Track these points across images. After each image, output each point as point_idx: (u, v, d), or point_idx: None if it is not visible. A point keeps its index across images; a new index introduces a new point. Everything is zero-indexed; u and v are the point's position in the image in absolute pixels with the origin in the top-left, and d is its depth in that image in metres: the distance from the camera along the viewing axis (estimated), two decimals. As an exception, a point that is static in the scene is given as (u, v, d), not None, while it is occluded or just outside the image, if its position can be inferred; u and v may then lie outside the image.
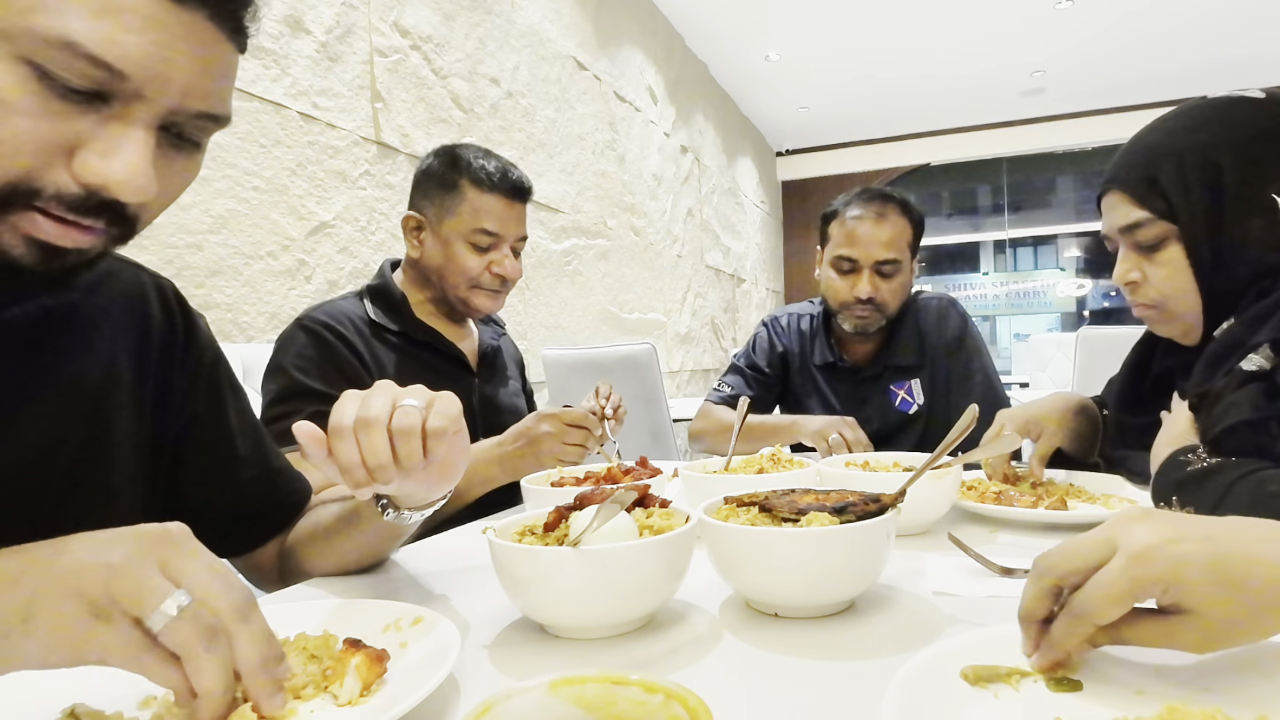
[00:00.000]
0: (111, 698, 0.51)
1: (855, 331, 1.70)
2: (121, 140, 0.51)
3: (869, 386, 1.74)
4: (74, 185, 0.51)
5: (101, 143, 0.51)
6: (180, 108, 0.54)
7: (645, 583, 0.62)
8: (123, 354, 0.71)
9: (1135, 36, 5.25)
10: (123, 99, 0.51)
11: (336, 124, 2.09)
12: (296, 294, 1.96)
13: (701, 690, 0.53)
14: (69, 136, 0.50)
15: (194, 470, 0.79)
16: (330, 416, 0.60)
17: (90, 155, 0.50)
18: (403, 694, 0.47)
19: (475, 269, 1.34)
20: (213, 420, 0.80)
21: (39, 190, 0.50)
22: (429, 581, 0.83)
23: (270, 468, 0.86)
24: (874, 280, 1.63)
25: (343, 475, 0.60)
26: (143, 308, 0.75)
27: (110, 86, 0.50)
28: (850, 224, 1.65)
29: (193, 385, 0.79)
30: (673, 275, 4.74)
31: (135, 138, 0.52)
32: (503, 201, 1.34)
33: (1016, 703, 0.46)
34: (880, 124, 7.16)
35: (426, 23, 2.48)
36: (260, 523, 0.85)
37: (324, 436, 0.59)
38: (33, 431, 0.63)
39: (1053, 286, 8.80)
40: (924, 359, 1.71)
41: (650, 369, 2.60)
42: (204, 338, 0.81)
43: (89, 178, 0.51)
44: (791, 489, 0.78)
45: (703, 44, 5.19)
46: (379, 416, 0.59)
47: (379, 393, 0.61)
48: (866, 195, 1.68)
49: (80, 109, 0.50)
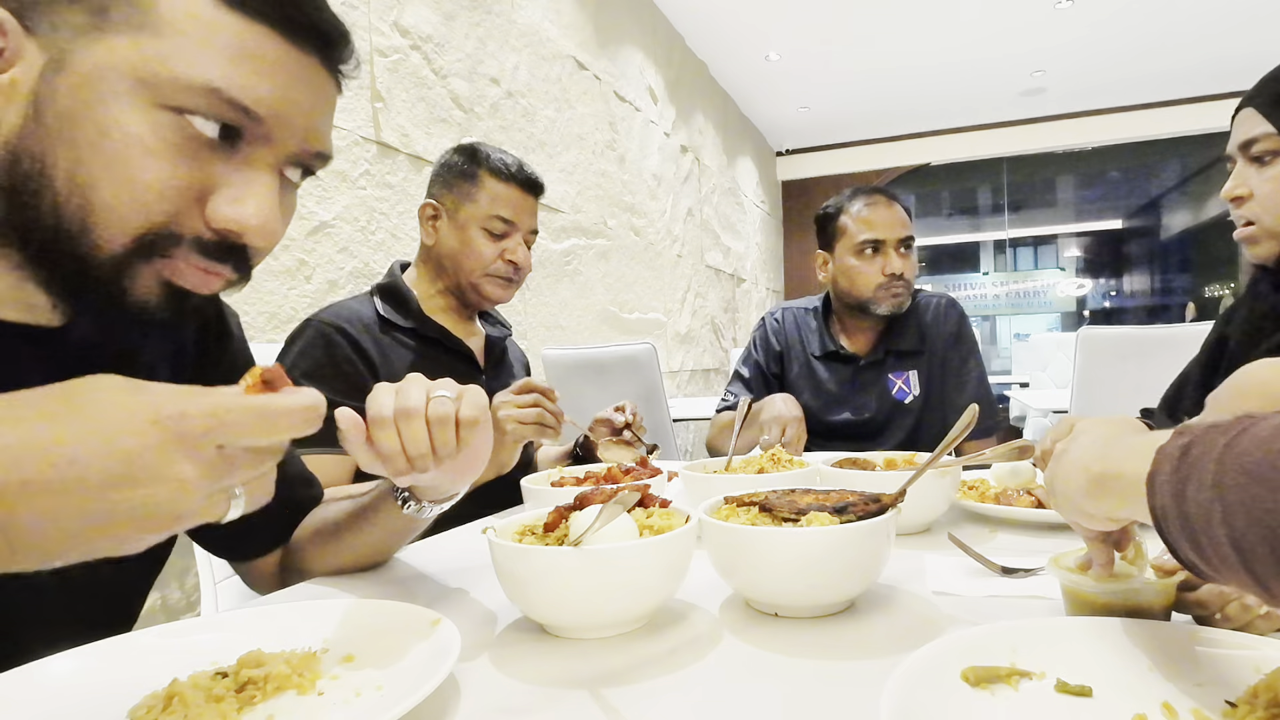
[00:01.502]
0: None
1: (891, 312, 1.74)
2: (253, 184, 0.54)
3: (868, 374, 1.78)
4: (207, 231, 0.53)
5: (234, 188, 0.53)
6: (302, 149, 0.56)
7: (645, 583, 0.62)
8: (161, 362, 0.72)
9: (1135, 36, 5.24)
10: (250, 143, 0.54)
11: (336, 124, 2.09)
12: (296, 294, 1.96)
13: (702, 690, 0.53)
14: (203, 182, 0.52)
15: None
16: (368, 407, 0.61)
17: (222, 201, 0.53)
18: (403, 694, 0.47)
19: (490, 255, 1.39)
20: None
21: (180, 236, 0.52)
22: (429, 581, 0.83)
23: (288, 475, 0.86)
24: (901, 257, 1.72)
25: (385, 464, 0.61)
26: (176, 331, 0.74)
27: (244, 130, 0.52)
28: (866, 212, 1.74)
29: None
30: (673, 275, 4.74)
31: (264, 181, 0.54)
32: (518, 192, 1.41)
33: (1016, 703, 0.46)
34: (880, 124, 7.16)
35: (426, 22, 2.48)
36: (272, 529, 0.85)
37: (364, 424, 0.60)
38: None
39: (1053, 286, 8.81)
40: (924, 346, 1.77)
41: (650, 369, 2.60)
42: (236, 342, 0.81)
43: (223, 223, 0.53)
44: (791, 489, 0.78)
45: (703, 44, 5.19)
46: (417, 407, 0.61)
47: (414, 384, 0.63)
48: (865, 189, 1.79)
49: (212, 155, 0.52)
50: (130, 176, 0.50)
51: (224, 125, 0.52)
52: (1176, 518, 0.41)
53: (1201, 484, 0.39)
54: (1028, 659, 0.49)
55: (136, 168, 0.50)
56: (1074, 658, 0.49)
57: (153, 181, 0.50)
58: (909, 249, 1.74)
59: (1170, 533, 0.42)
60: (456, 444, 0.63)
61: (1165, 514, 0.42)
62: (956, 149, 7.36)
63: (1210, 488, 0.39)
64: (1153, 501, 0.43)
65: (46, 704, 0.50)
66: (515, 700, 0.53)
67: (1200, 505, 0.39)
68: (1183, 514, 0.40)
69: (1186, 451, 0.41)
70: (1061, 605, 0.63)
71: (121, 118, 0.49)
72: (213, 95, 0.50)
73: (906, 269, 1.72)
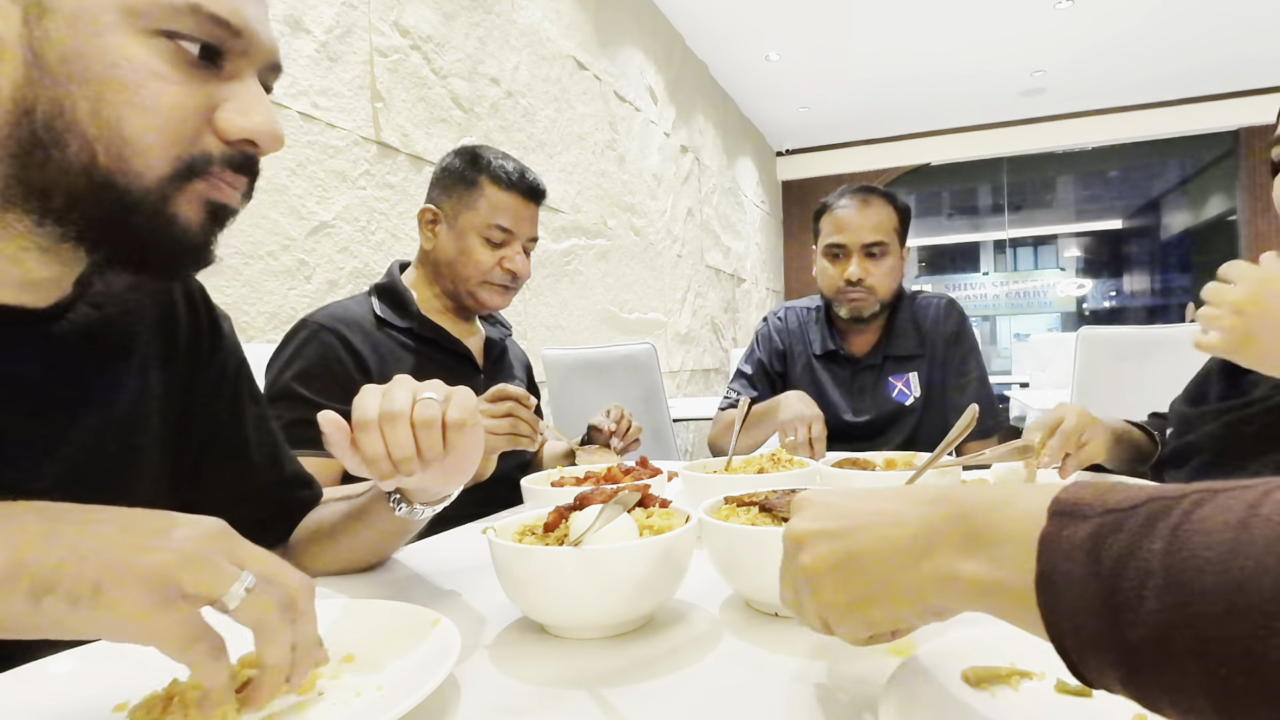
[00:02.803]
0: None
1: (850, 317, 1.76)
2: (250, 94, 0.55)
3: (867, 376, 1.77)
4: (222, 145, 0.55)
5: (236, 101, 0.55)
6: (269, 60, 0.58)
7: (645, 583, 0.62)
8: (154, 363, 0.72)
9: (1135, 37, 5.24)
10: (231, 59, 0.55)
11: (336, 124, 2.09)
12: (296, 294, 1.96)
13: (702, 690, 0.53)
14: (208, 99, 0.54)
15: (210, 476, 0.79)
16: (353, 410, 0.61)
17: (231, 114, 0.54)
18: (403, 694, 0.47)
19: (487, 263, 1.37)
20: (231, 427, 0.80)
21: (211, 154, 0.54)
22: (429, 581, 0.83)
23: (284, 475, 0.86)
24: (863, 263, 1.70)
25: (369, 467, 0.61)
26: (170, 312, 0.75)
27: (226, 45, 0.54)
28: (838, 213, 1.74)
29: (215, 392, 0.79)
30: (673, 275, 4.74)
31: (258, 91, 0.56)
32: (519, 200, 1.38)
33: (1016, 703, 0.46)
34: (880, 124, 7.16)
35: (426, 22, 2.48)
36: (271, 530, 0.85)
37: (348, 427, 0.60)
38: (75, 444, 0.63)
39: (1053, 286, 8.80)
40: (924, 349, 1.76)
41: (650, 369, 2.60)
42: (228, 343, 0.81)
43: (239, 134, 0.55)
44: (791, 489, 0.78)
45: (703, 44, 5.19)
46: (402, 410, 0.60)
47: (399, 387, 0.62)
48: (853, 188, 1.79)
49: (206, 73, 0.53)
50: (152, 103, 0.51)
51: (204, 45, 0.53)
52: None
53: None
54: (1028, 659, 0.49)
55: (155, 94, 0.51)
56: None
57: (174, 105, 0.51)
58: (877, 255, 1.71)
59: None
60: (444, 446, 0.62)
61: None
62: (956, 149, 7.35)
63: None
64: None
65: (46, 704, 0.50)
66: (515, 700, 0.52)
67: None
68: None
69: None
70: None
71: (124, 48, 0.50)
72: (196, 14, 0.52)
73: (870, 276, 1.69)
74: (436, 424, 0.61)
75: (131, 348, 0.69)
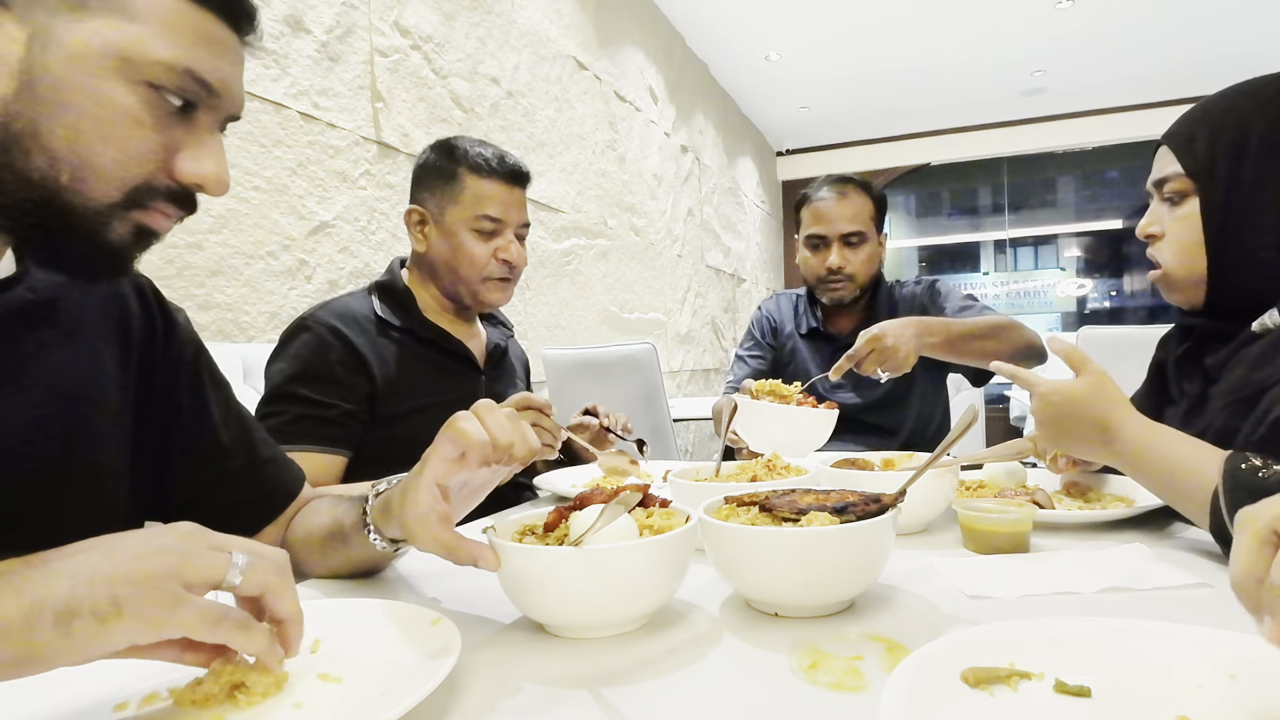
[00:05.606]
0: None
1: (832, 304, 1.88)
2: (208, 145, 0.62)
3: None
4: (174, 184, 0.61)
5: (193, 149, 0.61)
6: (235, 113, 0.65)
7: (645, 583, 0.62)
8: (105, 348, 0.74)
9: (1136, 36, 5.24)
10: (202, 111, 0.62)
11: (337, 124, 2.09)
12: (297, 294, 1.96)
13: (702, 690, 0.53)
14: (170, 145, 0.60)
15: (180, 463, 0.81)
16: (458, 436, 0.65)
17: (186, 161, 0.61)
18: (403, 694, 0.47)
19: (482, 257, 1.35)
20: (196, 412, 0.82)
21: (157, 189, 0.60)
22: (429, 581, 0.83)
23: (258, 457, 0.87)
24: (842, 252, 1.81)
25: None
26: (121, 304, 0.77)
27: (203, 102, 0.61)
28: (817, 205, 1.85)
29: (175, 380, 0.81)
30: (673, 275, 4.74)
31: (216, 142, 0.63)
32: (502, 186, 1.35)
33: (1016, 703, 0.46)
34: (880, 124, 7.15)
35: (427, 22, 2.48)
36: (251, 512, 0.85)
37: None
38: (16, 419, 0.65)
39: (1053, 286, 8.80)
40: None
41: (650, 369, 2.60)
42: (184, 332, 0.83)
43: (190, 178, 0.62)
44: (791, 489, 0.78)
45: (703, 44, 5.19)
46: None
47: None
48: (830, 178, 1.88)
49: (176, 122, 0.60)
50: (124, 143, 0.57)
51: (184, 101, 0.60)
52: None
53: None
54: (1027, 659, 0.49)
55: (128, 136, 0.57)
56: (1073, 658, 0.49)
57: (142, 147, 0.58)
58: (855, 244, 1.81)
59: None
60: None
61: None
62: (956, 149, 7.35)
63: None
64: None
65: (43, 703, 0.50)
66: (515, 700, 0.53)
67: None
68: None
69: None
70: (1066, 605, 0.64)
71: (112, 93, 0.56)
72: (186, 74, 0.58)
73: (849, 264, 1.80)
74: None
75: (76, 331, 0.71)
